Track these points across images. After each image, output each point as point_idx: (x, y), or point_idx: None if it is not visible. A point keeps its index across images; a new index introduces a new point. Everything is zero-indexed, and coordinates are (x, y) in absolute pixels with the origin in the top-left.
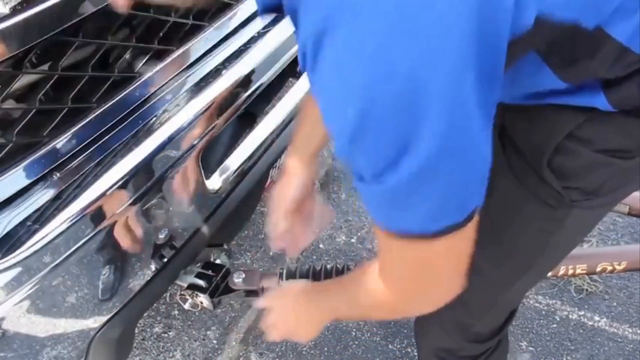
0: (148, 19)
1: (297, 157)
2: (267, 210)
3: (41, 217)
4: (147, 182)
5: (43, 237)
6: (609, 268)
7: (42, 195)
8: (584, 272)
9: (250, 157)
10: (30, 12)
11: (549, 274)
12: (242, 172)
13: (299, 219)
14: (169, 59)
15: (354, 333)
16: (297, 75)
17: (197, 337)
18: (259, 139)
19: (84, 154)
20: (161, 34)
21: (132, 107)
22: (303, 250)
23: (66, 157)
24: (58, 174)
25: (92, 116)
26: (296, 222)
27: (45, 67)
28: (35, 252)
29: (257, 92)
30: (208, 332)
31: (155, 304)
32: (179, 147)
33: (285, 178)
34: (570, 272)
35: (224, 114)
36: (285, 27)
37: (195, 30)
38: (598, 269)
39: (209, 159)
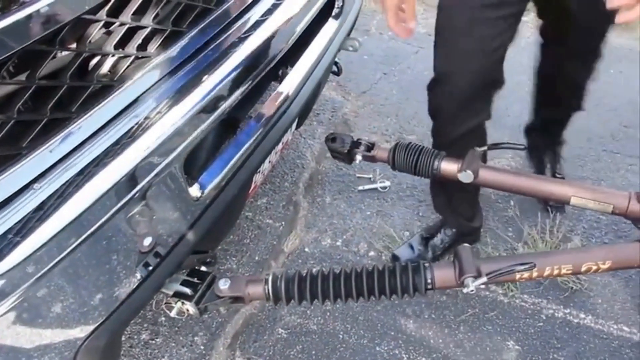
0: (126, 25)
1: None
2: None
3: (23, 228)
4: (130, 190)
5: (26, 249)
6: (594, 267)
7: (23, 207)
8: (569, 272)
9: (233, 163)
10: (6, 21)
11: (535, 274)
12: (226, 179)
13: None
14: (148, 66)
15: (341, 336)
16: (279, 79)
17: (184, 343)
18: (242, 145)
19: (65, 164)
20: (140, 41)
21: (112, 116)
22: (289, 254)
23: (47, 167)
24: (39, 185)
25: (72, 126)
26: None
27: (23, 77)
28: (18, 264)
29: (240, 97)
30: (195, 338)
31: (141, 311)
32: (161, 154)
33: None
34: (556, 272)
35: (206, 120)
36: (265, 32)
37: (174, 37)
38: (583, 269)
39: (192, 165)
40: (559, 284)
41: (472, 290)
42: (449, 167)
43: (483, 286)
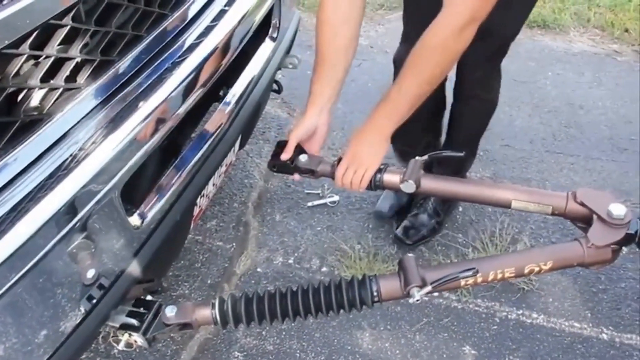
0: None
1: (313, 104)
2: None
3: None
4: (68, 223)
5: None
6: (536, 269)
7: None
8: (513, 275)
9: (174, 189)
10: None
11: (480, 279)
12: (167, 205)
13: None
14: (79, 97)
15: (298, 355)
16: (220, 100)
17: None
18: (182, 169)
19: None
20: (68, 73)
21: (45, 149)
22: (241, 276)
23: None
24: None
25: (3, 161)
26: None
27: None
28: None
29: (178, 121)
30: None
31: (93, 344)
32: (98, 184)
33: (301, 119)
34: (500, 276)
35: (142, 147)
36: (200, 55)
37: (106, 65)
38: (526, 271)
39: (132, 194)
40: (510, 286)
41: (417, 300)
42: (391, 178)
43: (436, 293)
